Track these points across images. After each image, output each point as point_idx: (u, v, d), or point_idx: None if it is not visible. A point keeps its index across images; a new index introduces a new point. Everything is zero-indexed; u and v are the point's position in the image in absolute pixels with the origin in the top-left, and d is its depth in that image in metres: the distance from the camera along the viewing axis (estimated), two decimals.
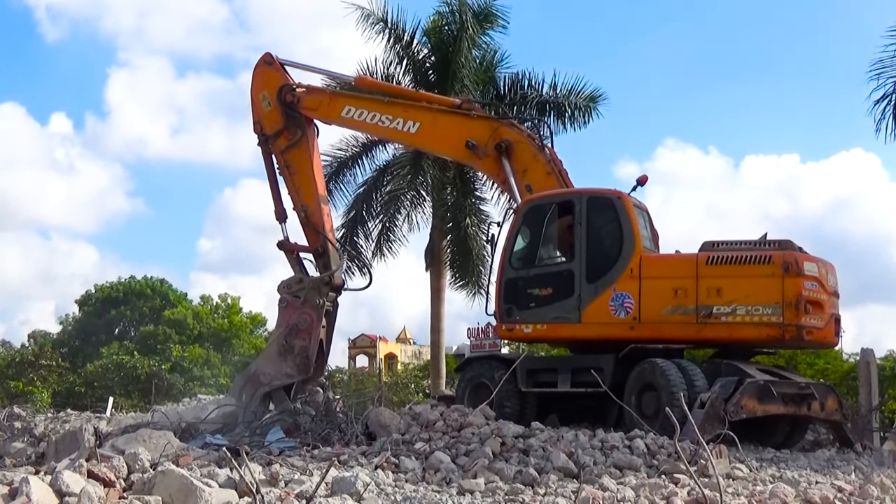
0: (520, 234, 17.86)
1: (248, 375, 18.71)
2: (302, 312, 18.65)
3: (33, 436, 15.67)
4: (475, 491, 10.37)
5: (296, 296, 18.81)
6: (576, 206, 17.27)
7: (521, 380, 17.28)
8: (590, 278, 16.90)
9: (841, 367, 31.93)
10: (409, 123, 19.73)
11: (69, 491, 8.07)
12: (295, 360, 18.37)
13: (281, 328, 18.83)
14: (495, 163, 19.05)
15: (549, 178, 18.58)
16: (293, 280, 19.12)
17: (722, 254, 16.31)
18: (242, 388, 18.51)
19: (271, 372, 18.33)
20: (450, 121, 19.68)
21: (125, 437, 12.58)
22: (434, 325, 33.04)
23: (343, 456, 12.02)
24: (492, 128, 19.26)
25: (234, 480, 9.10)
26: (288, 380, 18.27)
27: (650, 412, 15.18)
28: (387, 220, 31.97)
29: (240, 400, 18.22)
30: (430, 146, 21.11)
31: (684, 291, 16.21)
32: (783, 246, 16.33)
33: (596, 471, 11.53)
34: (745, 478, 11.99)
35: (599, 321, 16.68)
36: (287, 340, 18.47)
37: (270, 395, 18.13)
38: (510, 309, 17.58)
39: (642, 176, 17.91)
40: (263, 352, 19.32)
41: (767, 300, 15.83)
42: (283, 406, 17.51)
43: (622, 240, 16.88)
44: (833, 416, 16.36)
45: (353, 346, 76.97)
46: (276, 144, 19.82)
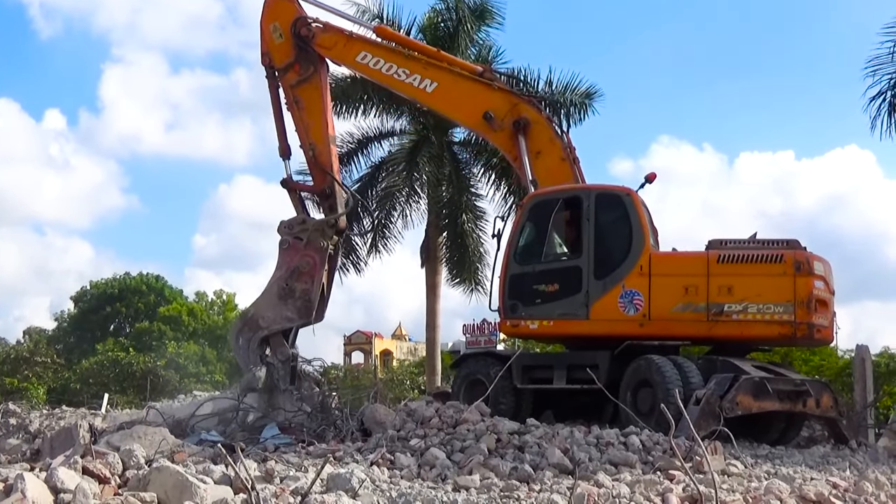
0: (525, 229, 17.69)
1: (247, 319, 18.30)
2: (304, 254, 18.14)
3: (28, 432, 15.67)
4: (470, 487, 10.36)
5: (297, 237, 18.28)
6: (583, 202, 17.19)
7: (517, 376, 17.27)
8: (598, 275, 16.85)
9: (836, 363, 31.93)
10: (427, 82, 19.30)
11: (64, 487, 8.07)
12: (296, 303, 17.93)
13: (282, 270, 18.24)
14: (510, 139, 18.81)
15: (563, 164, 18.50)
16: (296, 221, 18.57)
17: (733, 252, 16.42)
18: (240, 331, 18.11)
19: (271, 315, 17.88)
20: (470, 87, 19.29)
21: (120, 434, 12.58)
22: (429, 322, 33.04)
23: (338, 452, 12.00)
24: (511, 102, 18.99)
25: (230, 477, 9.11)
26: (288, 324, 17.89)
27: (646, 409, 15.19)
28: (382, 216, 31.91)
29: (237, 344, 17.91)
30: (445, 109, 20.51)
31: (695, 289, 16.30)
32: (791, 245, 16.48)
33: (591, 467, 11.53)
34: (740, 474, 11.99)
35: (608, 318, 16.64)
36: (288, 283, 18.00)
37: (268, 339, 17.77)
38: (515, 305, 17.37)
39: (651, 173, 17.84)
40: (262, 294, 18.36)
41: (779, 299, 16.00)
42: (282, 353, 17.38)
43: (631, 237, 16.87)
44: (828, 412, 16.38)
45: (348, 343, 76.96)
46: (286, 78, 19.31)
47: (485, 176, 32.04)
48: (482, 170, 32.17)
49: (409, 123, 32.80)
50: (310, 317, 18.01)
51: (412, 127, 32.73)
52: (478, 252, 32.13)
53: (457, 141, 33.03)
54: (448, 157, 31.59)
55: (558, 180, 18.27)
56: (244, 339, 17.78)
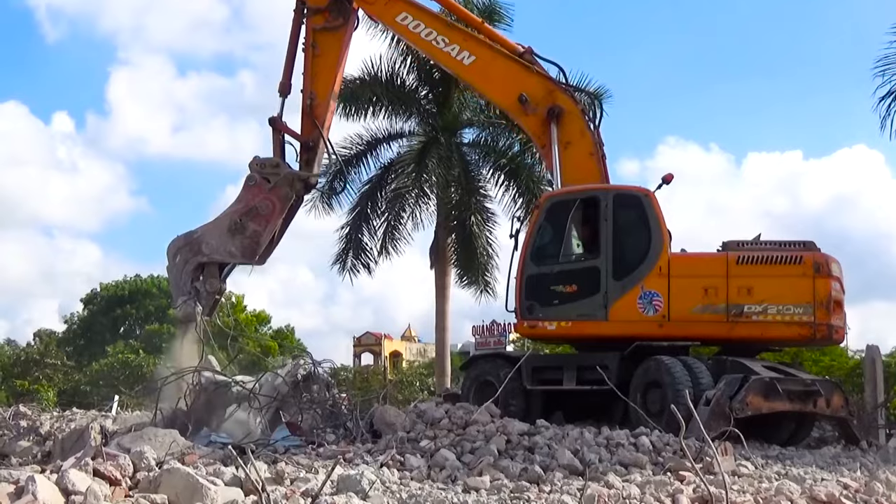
0: (542, 229, 17.54)
1: (190, 240, 17.91)
2: (267, 197, 17.96)
3: (39, 434, 15.64)
4: (480, 489, 10.37)
5: (266, 178, 18.05)
6: (601, 203, 17.11)
7: (527, 378, 17.26)
8: (617, 275, 16.83)
9: (846, 364, 31.83)
10: (465, 54, 18.98)
11: (75, 489, 8.09)
12: (243, 241, 17.81)
13: (240, 205, 18.05)
14: (542, 125, 18.62)
15: (591, 159, 18.40)
16: (269, 162, 18.28)
17: (753, 253, 16.58)
18: (179, 249, 17.85)
19: (215, 244, 17.73)
20: (508, 66, 18.97)
21: (131, 436, 12.59)
22: (439, 323, 33.00)
23: (348, 454, 12.01)
24: (548, 89, 18.76)
25: (240, 478, 9.12)
26: (229, 258, 17.86)
27: (655, 410, 15.18)
28: (391, 217, 31.92)
29: (172, 261, 17.72)
30: (480, 85, 20.03)
31: (714, 290, 16.40)
32: (808, 247, 16.67)
33: (601, 468, 11.53)
34: (750, 475, 11.98)
35: (627, 319, 16.64)
36: (241, 219, 17.82)
37: (204, 266, 17.72)
38: (532, 305, 17.22)
39: (668, 174, 17.76)
40: (213, 222, 18.12)
41: (798, 300, 16.22)
42: (211, 284, 17.52)
43: (650, 238, 16.88)
44: (839, 412, 16.35)
45: (357, 344, 76.96)
46: (312, 20, 18.88)
47: (494, 177, 32.01)
48: (491, 171, 32.15)
49: (418, 125, 32.78)
50: (253, 259, 17.93)
51: (421, 128, 32.70)
52: (487, 253, 32.14)
53: (466, 142, 33.08)
54: (457, 158, 31.55)
55: (584, 174, 18.19)
56: (181, 259, 17.62)
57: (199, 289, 17.56)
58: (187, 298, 17.37)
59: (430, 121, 32.32)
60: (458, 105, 31.53)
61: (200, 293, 17.51)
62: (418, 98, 32.19)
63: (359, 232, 32.07)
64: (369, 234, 32.14)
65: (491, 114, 31.64)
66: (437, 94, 31.79)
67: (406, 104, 31.89)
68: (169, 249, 17.97)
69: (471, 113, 32.30)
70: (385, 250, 32.14)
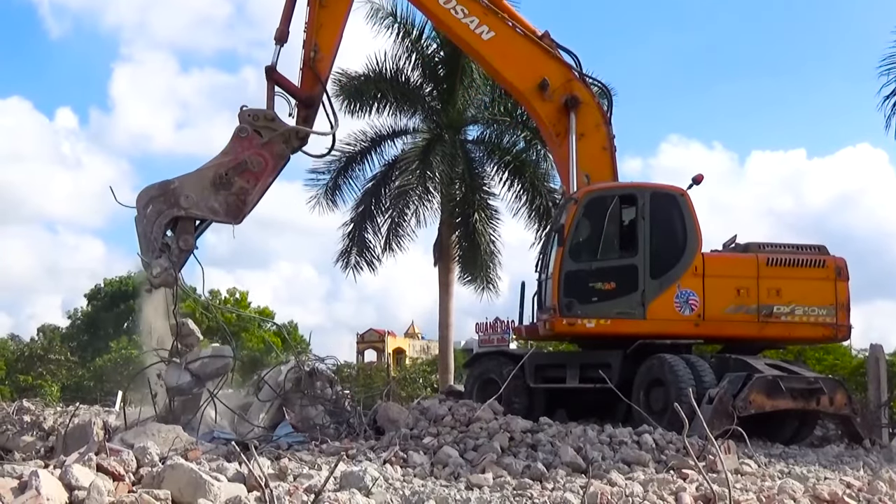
0: (580, 225, 17.30)
1: (166, 189, 15.91)
2: (259, 152, 16.40)
3: (42, 430, 15.66)
4: (483, 486, 10.38)
5: (257, 131, 16.45)
6: (638, 201, 17.18)
7: (530, 375, 17.26)
8: (654, 274, 16.91)
9: (849, 362, 31.90)
10: (484, 28, 18.32)
11: (78, 485, 8.08)
12: (228, 198, 16.17)
13: (227, 157, 16.31)
14: (556, 113, 18.43)
15: (604, 153, 18.41)
16: (264, 114, 16.62)
17: (781, 256, 17.19)
18: (153, 198, 15.87)
19: (195, 198, 15.92)
20: (529, 48, 18.59)
21: (134, 431, 12.62)
22: (442, 321, 33.01)
23: (351, 450, 12.02)
24: (566, 77, 18.58)
25: (243, 475, 9.12)
26: (210, 215, 16.16)
27: (658, 408, 15.20)
28: (395, 214, 31.91)
29: (144, 210, 15.76)
30: (498, 63, 19.07)
31: (746, 291, 16.85)
32: (822, 251, 17.47)
33: (604, 466, 11.54)
34: (753, 473, 11.98)
35: (665, 317, 16.76)
36: (228, 173, 16.15)
37: (178, 221, 15.94)
38: (571, 303, 16.92)
39: (698, 175, 17.90)
40: (194, 173, 16.27)
41: (822, 301, 17.03)
42: (185, 242, 15.83)
43: (686, 237, 17.09)
44: (842, 410, 16.34)
45: (361, 341, 76.88)
46: None
47: (498, 174, 32.01)
48: (495, 168, 32.16)
49: (423, 122, 32.79)
50: (236, 218, 16.36)
51: (425, 125, 32.71)
52: (490, 251, 32.13)
53: (470, 139, 33.08)
54: (461, 155, 31.51)
55: (596, 168, 18.21)
56: (154, 210, 15.75)
57: (169, 245, 15.78)
58: (160, 256, 15.62)
59: (435, 118, 32.31)
60: (462, 102, 31.49)
61: (171, 250, 15.75)
62: (423, 95, 32.17)
63: (363, 229, 32.06)
64: (373, 232, 32.13)
65: (495, 111, 31.69)
66: (442, 90, 31.78)
67: (410, 101, 31.87)
68: (140, 198, 15.98)
69: (475, 110, 32.29)
70: (389, 247, 32.16)
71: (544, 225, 30.25)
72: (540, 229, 30.48)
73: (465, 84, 30.44)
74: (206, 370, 15.34)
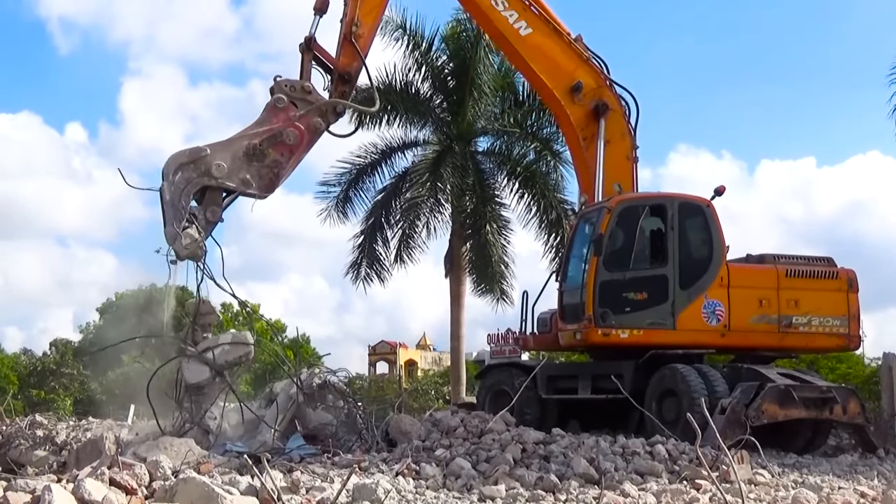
0: (614, 234, 17.07)
1: (198, 156, 15.14)
2: (295, 125, 15.67)
3: (55, 444, 15.68)
4: (496, 497, 10.38)
5: (293, 103, 15.80)
6: (668, 211, 17.20)
7: (542, 386, 17.26)
8: (683, 284, 16.95)
9: (863, 371, 31.78)
10: (523, 23, 18.21)
11: (91, 499, 8.09)
12: (261, 170, 15.44)
13: (262, 128, 15.60)
14: (585, 117, 18.46)
15: (626, 163, 18.49)
16: (301, 86, 15.94)
17: (799, 267, 17.52)
18: (183, 165, 15.08)
19: (227, 167, 15.15)
20: (564, 49, 18.53)
21: (147, 445, 12.62)
22: (454, 332, 32.98)
23: (364, 463, 12.01)
24: (598, 82, 18.61)
25: (256, 488, 9.13)
26: (242, 187, 15.38)
27: (671, 418, 15.17)
28: (406, 226, 31.93)
29: (172, 176, 14.94)
30: (535, 61, 18.66)
31: (768, 302, 17.11)
32: (830, 263, 17.89)
33: (617, 477, 11.52)
34: (767, 483, 11.96)
35: (693, 328, 16.85)
36: (262, 144, 15.42)
37: (205, 190, 15.21)
38: (605, 313, 16.76)
39: (720, 186, 17.86)
40: (226, 142, 15.52)
41: (836, 312, 17.42)
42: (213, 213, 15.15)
43: (712, 247, 17.22)
44: (855, 419, 16.32)
45: (372, 353, 76.91)
46: None
47: (509, 186, 32.03)
48: (506, 179, 32.17)
49: (433, 133, 32.81)
50: (268, 192, 15.73)
51: (436, 137, 32.73)
52: (503, 262, 32.11)
53: (480, 151, 33.08)
54: (472, 166, 31.54)
55: (618, 177, 18.30)
56: (183, 177, 14.94)
57: (196, 215, 15.07)
58: (188, 227, 14.88)
59: (445, 129, 32.33)
60: (472, 113, 31.48)
61: (198, 220, 15.04)
62: (433, 107, 32.19)
63: (373, 241, 32.09)
64: (383, 244, 32.16)
65: (505, 122, 31.71)
66: (452, 102, 31.80)
67: (421, 113, 31.89)
68: (168, 164, 15.13)
69: (485, 121, 32.27)
70: (400, 259, 32.18)
71: (555, 235, 30.28)
72: (551, 240, 30.51)
73: (475, 95, 30.44)
74: (227, 358, 15.01)
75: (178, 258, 15.19)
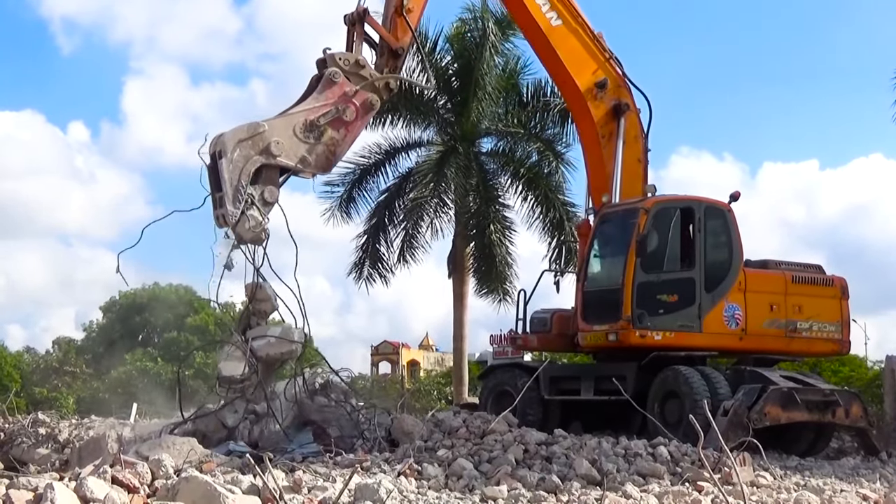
0: (649, 236, 16.93)
1: (255, 132, 14.25)
2: (351, 101, 14.82)
3: (57, 442, 15.64)
4: (498, 498, 10.37)
5: (348, 77, 14.96)
6: (695, 214, 17.32)
7: (544, 387, 17.28)
8: (708, 287, 17.07)
9: (865, 374, 31.75)
10: (553, 14, 18.07)
11: (93, 497, 8.10)
12: (317, 148, 14.61)
13: (319, 103, 14.71)
14: (605, 115, 18.48)
15: (638, 165, 18.60)
16: (355, 59, 15.15)
17: (802, 274, 17.89)
18: (241, 141, 14.16)
19: (286, 145, 14.32)
20: (589, 45, 18.48)
21: (149, 444, 12.61)
22: (457, 333, 33.01)
23: (366, 462, 11.99)
24: (617, 82, 18.65)
25: (258, 487, 9.12)
26: (300, 166, 14.55)
27: (673, 420, 15.19)
28: (410, 227, 31.94)
29: (231, 153, 14.00)
30: (563, 52, 18.40)
31: (777, 306, 17.40)
32: (821, 270, 18.30)
33: (619, 478, 11.50)
34: (769, 486, 11.95)
35: (717, 331, 16.99)
36: (319, 120, 14.56)
37: (262, 169, 14.29)
38: (642, 315, 16.73)
39: (736, 192, 17.93)
40: (282, 117, 14.69)
41: (831, 318, 17.82)
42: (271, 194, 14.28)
43: (732, 251, 17.39)
44: (858, 422, 16.37)
45: (375, 353, 76.90)
46: None
47: (512, 186, 32.03)
48: (510, 180, 32.18)
49: (437, 134, 32.79)
50: (326, 172, 15.21)
51: (439, 137, 32.71)
52: (506, 262, 32.07)
53: (484, 151, 33.07)
54: (476, 167, 31.55)
55: (628, 178, 18.35)
56: (242, 155, 14.09)
57: (253, 195, 14.15)
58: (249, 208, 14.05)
59: (449, 130, 32.33)
60: (476, 114, 31.44)
61: (254, 201, 14.16)
62: (436, 107, 32.19)
63: (376, 241, 32.09)
64: (386, 244, 32.18)
65: (509, 123, 31.71)
66: (456, 102, 31.79)
67: (424, 113, 31.90)
68: (226, 140, 14.14)
69: (489, 122, 32.24)
70: (403, 259, 32.17)
71: (558, 236, 30.28)
72: (553, 241, 30.51)
73: (479, 96, 30.41)
74: (270, 352, 14.53)
75: (239, 242, 14.35)
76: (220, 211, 14.15)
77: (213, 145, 14.31)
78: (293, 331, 14.89)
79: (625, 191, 18.21)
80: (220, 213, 14.12)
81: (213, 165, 14.33)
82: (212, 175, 14.35)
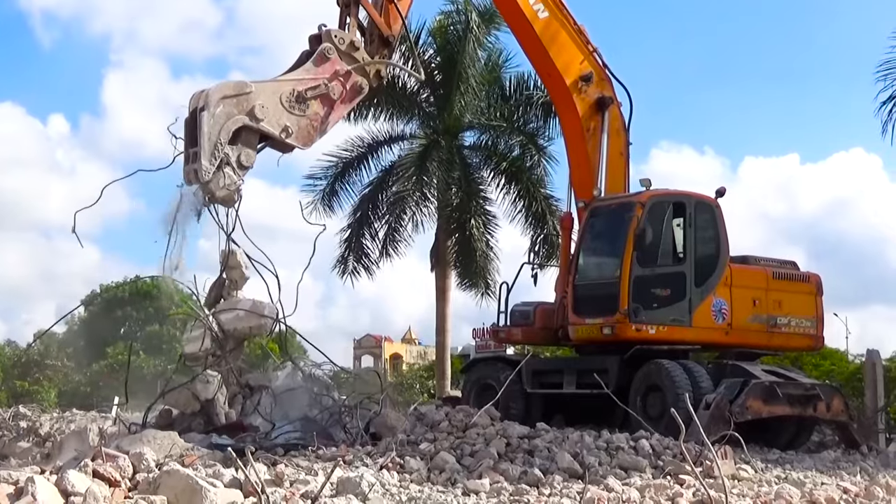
0: (645, 230, 16.89)
1: (242, 91, 14.00)
2: (339, 79, 14.72)
3: (39, 435, 15.61)
4: (480, 491, 10.37)
5: (340, 57, 14.85)
6: (686, 208, 17.36)
7: (527, 381, 17.29)
8: (697, 282, 17.14)
9: (846, 368, 31.84)
10: (541, 6, 18.08)
11: (74, 490, 8.08)
12: (300, 120, 14.38)
13: (309, 75, 14.60)
14: (589, 109, 18.54)
15: (620, 158, 18.74)
16: (351, 40, 15.01)
17: (781, 270, 18.02)
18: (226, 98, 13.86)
19: (270, 110, 14.05)
20: (576, 39, 18.54)
21: (130, 437, 12.57)
22: (439, 326, 32.99)
23: (348, 456, 11.98)
24: (601, 76, 18.73)
25: (240, 480, 9.10)
26: (281, 134, 14.21)
27: (655, 413, 15.22)
28: (392, 220, 31.94)
29: (213, 108, 13.62)
30: (550, 45, 18.39)
31: (760, 302, 17.48)
32: (795, 266, 18.56)
33: (601, 471, 11.53)
34: (750, 479, 12.00)
35: (705, 326, 17.07)
36: (308, 93, 14.40)
37: (242, 130, 13.90)
38: (637, 308, 16.78)
39: (721, 187, 18.03)
40: (270, 82, 14.49)
41: (807, 314, 18.00)
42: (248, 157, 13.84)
43: (719, 246, 17.43)
44: (839, 416, 16.44)
45: (357, 347, 76.90)
46: None
47: (495, 180, 32.05)
48: (492, 174, 32.19)
49: (419, 128, 32.78)
50: (307, 146, 14.78)
51: (422, 131, 32.70)
52: (487, 256, 32.10)
53: (467, 145, 33.09)
54: (458, 161, 31.55)
55: (610, 172, 18.50)
56: (224, 111, 13.74)
57: (229, 155, 13.74)
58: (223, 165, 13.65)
59: (431, 123, 32.31)
60: (458, 107, 31.44)
61: (230, 161, 13.73)
62: (419, 101, 32.18)
63: (360, 235, 32.07)
64: (370, 237, 32.15)
65: (491, 116, 31.69)
66: (438, 96, 31.78)
67: (407, 107, 31.88)
68: (211, 94, 13.79)
69: (471, 115, 32.22)
70: (385, 253, 32.19)
71: (540, 230, 30.31)
72: (535, 234, 30.54)
73: (462, 90, 30.39)
74: (237, 326, 14.38)
75: (210, 200, 14.01)
76: (192, 166, 13.74)
77: (195, 99, 14.02)
78: (263, 305, 14.64)
79: (609, 184, 18.27)
80: (193, 167, 13.71)
81: (191, 121, 14.02)
82: (188, 131, 14.05)
